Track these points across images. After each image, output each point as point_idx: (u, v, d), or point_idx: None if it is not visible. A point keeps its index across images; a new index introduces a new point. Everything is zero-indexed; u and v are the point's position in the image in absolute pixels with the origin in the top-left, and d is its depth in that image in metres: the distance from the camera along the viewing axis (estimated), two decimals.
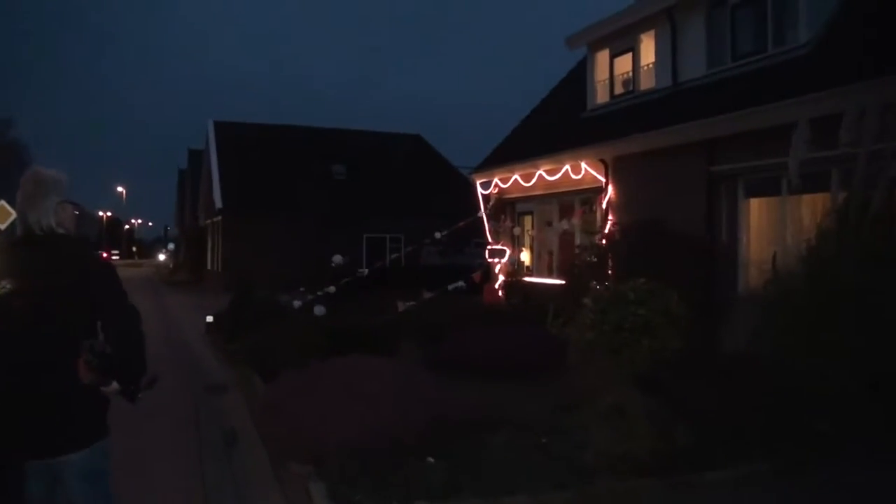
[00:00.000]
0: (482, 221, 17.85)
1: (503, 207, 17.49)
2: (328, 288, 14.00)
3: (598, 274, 12.79)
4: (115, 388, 2.94)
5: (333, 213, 29.02)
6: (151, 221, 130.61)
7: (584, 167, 13.91)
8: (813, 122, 8.88)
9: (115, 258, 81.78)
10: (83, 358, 2.81)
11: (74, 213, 3.28)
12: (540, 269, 16.56)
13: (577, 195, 14.67)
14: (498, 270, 17.27)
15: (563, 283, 13.81)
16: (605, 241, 13.24)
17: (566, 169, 14.30)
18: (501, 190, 17.39)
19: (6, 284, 2.95)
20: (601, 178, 13.57)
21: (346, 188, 30.83)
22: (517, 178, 16.13)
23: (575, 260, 14.00)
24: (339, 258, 14.12)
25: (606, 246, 13.15)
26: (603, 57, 14.91)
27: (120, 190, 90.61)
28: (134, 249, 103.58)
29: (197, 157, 40.12)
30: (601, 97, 15.01)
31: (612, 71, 14.62)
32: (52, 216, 3.07)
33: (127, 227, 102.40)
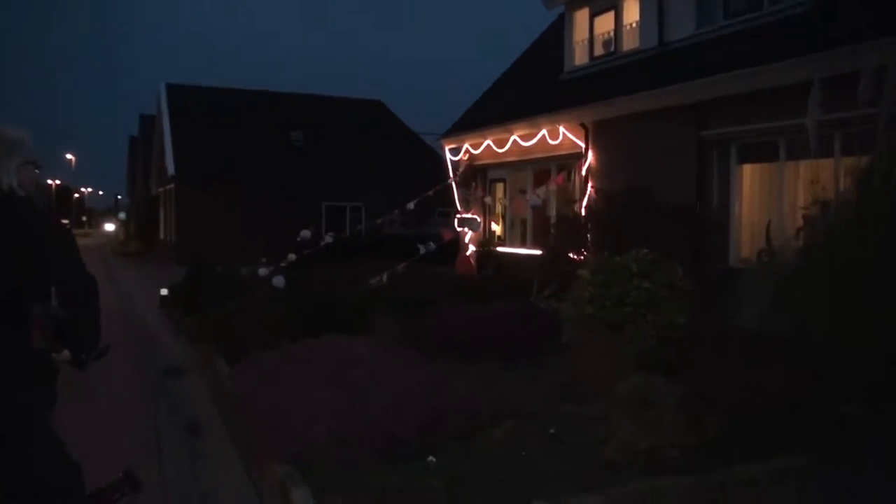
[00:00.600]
0: (451, 189, 17.12)
1: (474, 174, 16.77)
2: (290, 257, 13.14)
3: (577, 244, 12.23)
4: (66, 356, 2.93)
5: (292, 181, 28.04)
6: (102, 190, 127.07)
7: (562, 132, 13.24)
8: (800, 88, 8.37)
9: None
10: (37, 323, 2.79)
11: (36, 173, 3.29)
12: (513, 238, 15.93)
13: (553, 161, 14.02)
14: (468, 240, 16.62)
15: (538, 253, 13.20)
16: (584, 209, 12.67)
17: (543, 134, 13.62)
18: (472, 156, 16.65)
19: None
20: (581, 143, 12.93)
21: (304, 155, 29.79)
22: (489, 143, 15.41)
23: (552, 229, 13.42)
24: (306, 233, 13.31)
25: (586, 215, 12.57)
26: (582, 16, 14.18)
27: (69, 157, 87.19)
28: (84, 219, 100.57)
29: (149, 122, 38.50)
30: (580, 58, 14.31)
31: (591, 31, 13.91)
32: (13, 177, 2.98)
33: (77, 195, 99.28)
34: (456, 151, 17.13)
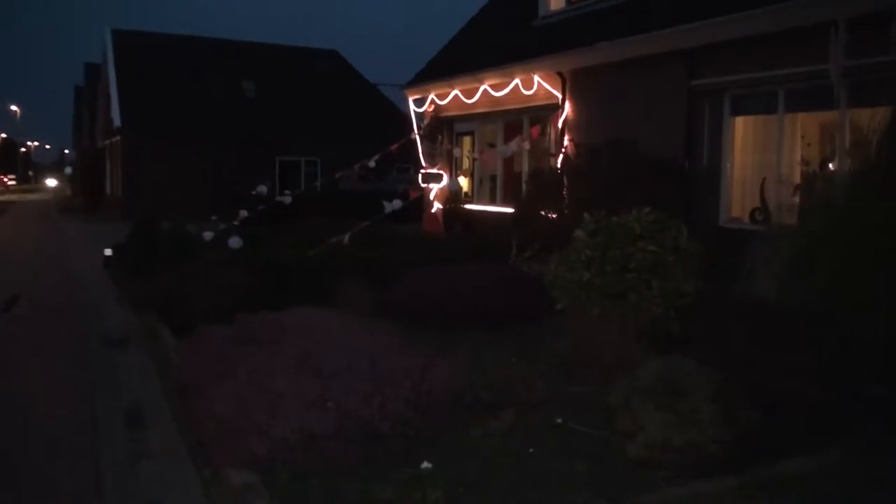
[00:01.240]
0: (414, 143, 16.15)
1: (440, 127, 15.85)
2: (242, 214, 12.22)
3: (553, 202, 11.46)
4: None
5: (243, 133, 26.80)
6: (49, 144, 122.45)
7: (537, 81, 12.39)
8: (813, 31, 7.69)
9: (11, 183, 76.27)
10: None
11: None
12: (481, 195, 15.13)
13: (526, 113, 13.19)
14: (433, 197, 15.74)
15: (510, 211, 12.42)
16: (561, 164, 11.89)
17: (516, 83, 12.74)
18: (438, 107, 15.71)
19: None
20: (557, 93, 12.12)
21: (256, 107, 28.47)
22: (457, 93, 14.46)
23: (525, 185, 12.64)
24: (262, 188, 12.45)
25: (563, 170, 11.78)
26: None
27: (14, 109, 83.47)
28: (31, 174, 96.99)
29: (95, 71, 36.51)
30: (555, 3, 13.40)
31: None
32: None
33: (23, 149, 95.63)
34: (420, 102, 16.16)
